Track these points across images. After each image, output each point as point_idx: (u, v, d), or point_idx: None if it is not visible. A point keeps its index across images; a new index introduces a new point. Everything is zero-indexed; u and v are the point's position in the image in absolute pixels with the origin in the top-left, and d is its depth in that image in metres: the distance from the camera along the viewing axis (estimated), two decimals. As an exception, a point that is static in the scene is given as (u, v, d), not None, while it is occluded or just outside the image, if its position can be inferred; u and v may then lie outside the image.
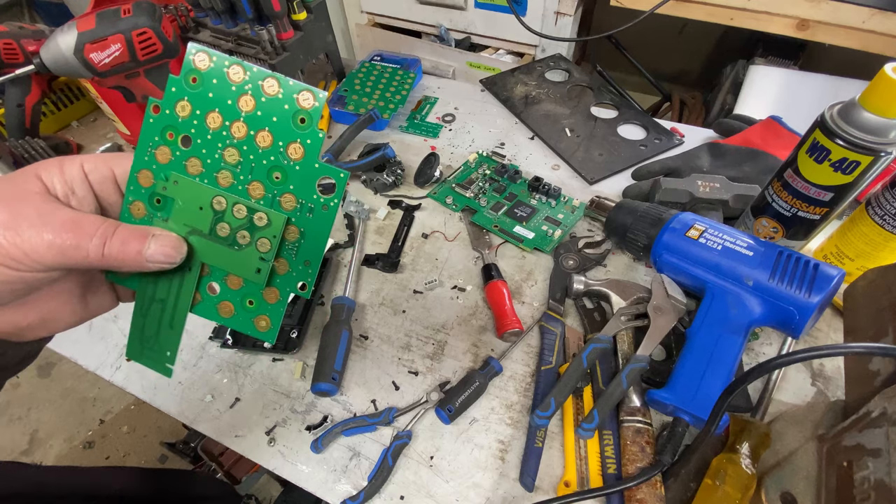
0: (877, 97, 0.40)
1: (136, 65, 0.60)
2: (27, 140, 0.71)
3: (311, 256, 0.28)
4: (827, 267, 0.43)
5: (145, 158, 0.27)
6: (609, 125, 0.76)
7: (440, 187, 0.69)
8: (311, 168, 0.27)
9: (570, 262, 0.58)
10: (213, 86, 0.26)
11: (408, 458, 0.46)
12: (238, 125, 0.26)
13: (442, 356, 0.52)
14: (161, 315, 0.29)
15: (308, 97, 0.26)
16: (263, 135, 0.26)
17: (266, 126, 0.26)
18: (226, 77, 0.26)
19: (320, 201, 0.27)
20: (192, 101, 0.26)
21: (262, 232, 0.27)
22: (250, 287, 0.29)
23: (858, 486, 0.29)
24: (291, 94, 0.26)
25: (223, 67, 0.26)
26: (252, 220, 0.27)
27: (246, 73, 0.26)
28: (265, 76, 0.26)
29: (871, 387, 0.33)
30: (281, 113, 0.26)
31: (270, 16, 0.69)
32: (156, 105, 0.27)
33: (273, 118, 0.26)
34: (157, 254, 0.26)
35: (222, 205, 0.27)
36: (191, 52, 0.26)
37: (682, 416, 0.41)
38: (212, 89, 0.26)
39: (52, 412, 1.44)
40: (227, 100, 0.26)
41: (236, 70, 0.26)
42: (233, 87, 0.26)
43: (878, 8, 0.86)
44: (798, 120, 0.62)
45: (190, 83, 0.26)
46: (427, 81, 0.88)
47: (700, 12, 1.01)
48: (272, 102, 0.26)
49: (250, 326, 0.29)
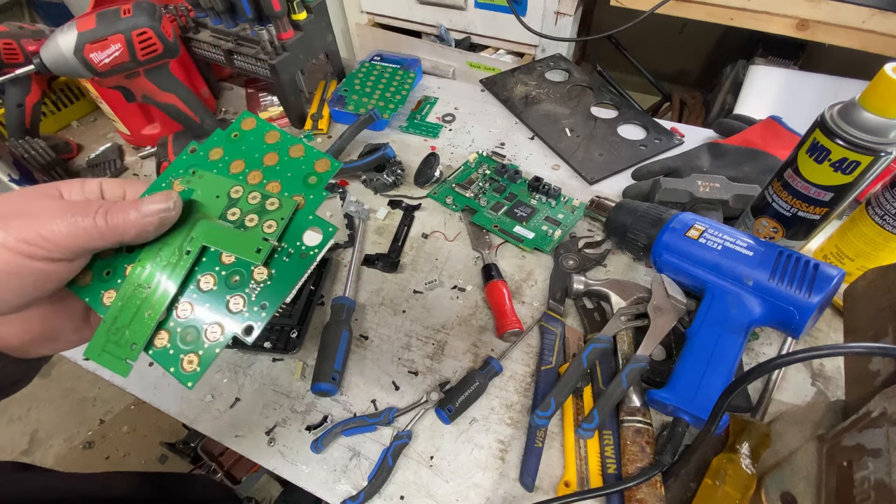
0: (877, 97, 0.40)
1: (136, 65, 0.60)
2: (27, 140, 0.71)
3: (270, 300, 0.28)
4: (827, 267, 0.43)
5: (163, 185, 0.30)
6: (609, 125, 0.76)
7: (440, 187, 0.69)
8: (305, 218, 0.29)
9: (570, 262, 0.58)
10: (249, 141, 0.32)
11: (408, 458, 0.46)
12: (255, 173, 0.31)
13: (442, 356, 0.52)
14: (141, 303, 0.28)
15: (325, 164, 0.31)
16: (273, 185, 0.30)
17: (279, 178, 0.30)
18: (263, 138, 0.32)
19: (301, 247, 0.28)
20: (225, 149, 0.32)
21: (271, 214, 0.29)
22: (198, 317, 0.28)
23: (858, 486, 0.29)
24: (312, 158, 0.31)
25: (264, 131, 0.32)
26: (264, 204, 0.29)
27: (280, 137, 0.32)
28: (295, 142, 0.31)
29: (871, 387, 0.33)
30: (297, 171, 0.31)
31: (270, 16, 0.69)
32: (194, 147, 0.32)
33: (288, 173, 0.31)
34: (152, 204, 0.27)
35: (239, 192, 0.30)
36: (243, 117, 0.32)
37: (682, 416, 0.41)
38: (246, 143, 0.32)
39: (52, 412, 1.44)
40: (255, 153, 0.31)
41: (273, 135, 0.32)
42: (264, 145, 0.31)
43: (878, 8, 0.86)
44: (798, 120, 0.62)
45: (231, 137, 0.32)
46: (427, 81, 0.88)
47: (700, 12, 1.01)
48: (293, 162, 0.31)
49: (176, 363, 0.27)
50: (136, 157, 0.80)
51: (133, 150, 0.81)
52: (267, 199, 0.29)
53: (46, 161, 0.72)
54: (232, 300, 0.28)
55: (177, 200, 0.28)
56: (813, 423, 0.37)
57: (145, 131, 0.80)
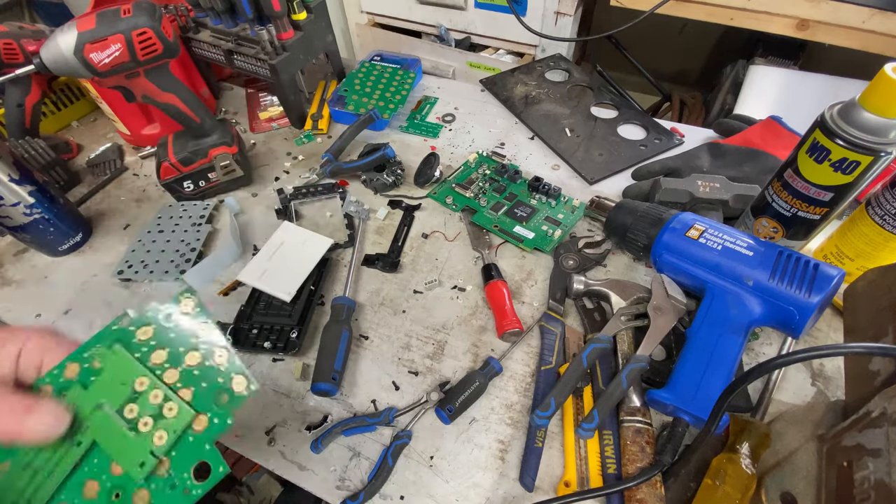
0: (877, 97, 0.40)
1: (136, 65, 0.60)
2: (27, 140, 0.71)
3: None
4: (827, 267, 0.43)
5: (84, 355, 0.28)
6: (609, 125, 0.76)
7: (440, 187, 0.69)
8: (201, 446, 0.26)
9: (570, 262, 0.58)
10: (179, 329, 0.28)
11: (408, 458, 0.46)
12: (171, 372, 0.27)
13: (442, 356, 0.52)
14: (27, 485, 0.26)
15: (241, 384, 0.27)
16: (185, 392, 0.27)
17: (193, 386, 0.27)
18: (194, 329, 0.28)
19: (186, 481, 0.25)
20: (156, 329, 0.28)
21: (165, 423, 0.26)
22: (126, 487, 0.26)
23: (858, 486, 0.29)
24: (231, 372, 0.27)
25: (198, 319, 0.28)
26: (162, 408, 0.26)
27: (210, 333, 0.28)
28: (220, 345, 0.28)
29: (871, 387, 0.33)
30: (213, 383, 0.27)
31: (270, 16, 0.69)
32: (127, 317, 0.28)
33: (203, 383, 0.27)
34: (39, 423, 0.25)
35: (143, 385, 0.27)
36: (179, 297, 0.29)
37: (682, 416, 0.41)
38: (177, 331, 0.28)
39: (52, 412, 1.43)
40: (180, 346, 0.28)
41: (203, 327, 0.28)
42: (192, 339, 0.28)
43: (878, 8, 0.86)
44: (798, 120, 0.62)
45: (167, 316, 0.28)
46: (427, 81, 0.88)
47: (700, 12, 1.01)
48: (212, 371, 0.27)
49: None
50: (136, 157, 0.80)
51: (133, 150, 0.81)
52: (167, 401, 0.26)
53: (46, 161, 0.72)
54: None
55: (66, 423, 0.26)
56: (813, 423, 0.37)
57: (145, 131, 0.80)
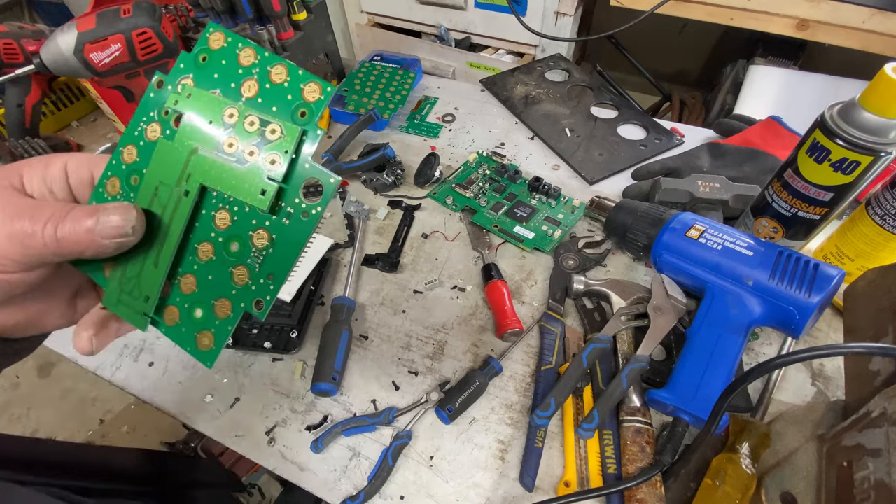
0: (877, 97, 0.40)
1: (136, 65, 0.60)
2: (27, 140, 0.71)
3: (276, 270, 0.24)
4: (827, 267, 0.43)
5: (135, 134, 0.26)
6: (609, 125, 0.76)
7: (440, 187, 0.69)
8: (301, 167, 0.24)
9: (570, 262, 0.58)
10: (220, 66, 0.25)
11: (408, 458, 0.46)
12: (231, 110, 0.24)
13: (442, 356, 0.52)
14: (147, 252, 0.26)
15: (314, 90, 0.24)
16: (252, 118, 0.24)
17: (263, 114, 0.24)
18: (236, 59, 0.25)
19: (301, 206, 0.24)
20: (195, 78, 0.25)
21: (273, 146, 0.24)
22: (204, 292, 0.26)
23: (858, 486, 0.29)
24: (298, 83, 0.24)
25: (236, 49, 0.25)
26: (265, 132, 0.24)
27: (257, 56, 0.24)
28: (275, 62, 0.24)
29: (871, 387, 0.33)
30: (282, 103, 0.24)
31: (270, 16, 0.69)
32: (160, 80, 0.26)
33: (273, 107, 0.24)
34: (106, 226, 0.23)
35: (234, 117, 0.24)
36: (208, 30, 0.25)
37: (682, 416, 0.41)
38: (218, 69, 0.25)
39: (52, 412, 1.44)
40: (230, 82, 0.25)
41: (247, 53, 0.25)
42: (240, 69, 0.25)
43: (878, 8, 0.86)
44: (798, 120, 0.62)
45: (199, 61, 0.25)
46: (427, 81, 0.88)
47: (700, 12, 1.01)
48: (276, 90, 0.24)
49: (191, 342, 0.26)
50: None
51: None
52: (266, 125, 0.24)
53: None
54: (236, 272, 0.25)
55: (137, 224, 0.24)
56: (813, 423, 0.37)
57: (145, 131, 0.80)
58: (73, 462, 0.53)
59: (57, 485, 0.43)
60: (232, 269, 0.25)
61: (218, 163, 0.24)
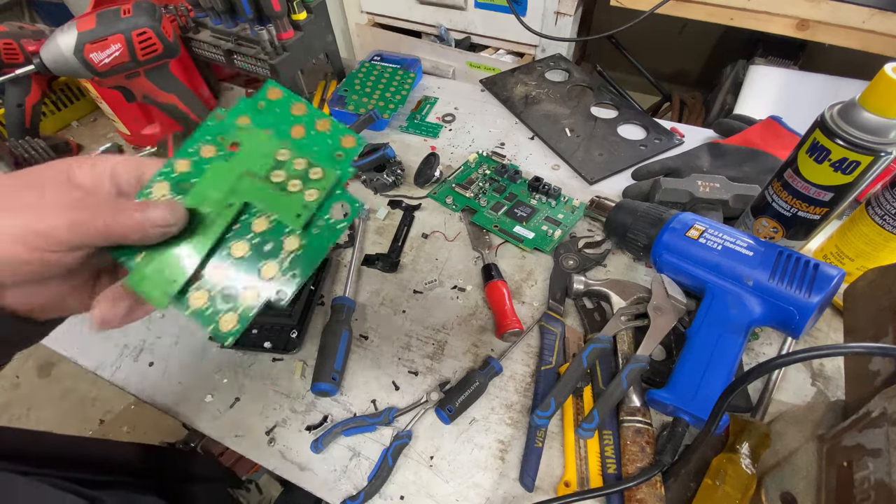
0: (877, 97, 0.40)
1: (136, 65, 0.60)
2: (27, 140, 0.71)
3: (300, 269, 0.29)
4: (827, 267, 0.43)
5: (189, 150, 0.30)
6: (609, 125, 0.76)
7: (440, 187, 0.69)
8: (334, 193, 0.31)
9: (570, 262, 0.58)
10: (275, 113, 0.32)
11: (408, 458, 0.46)
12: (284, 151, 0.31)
13: (442, 356, 0.52)
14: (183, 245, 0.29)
15: (350, 141, 0.32)
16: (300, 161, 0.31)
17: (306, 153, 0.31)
18: (289, 109, 0.32)
19: (329, 221, 0.30)
20: (253, 119, 0.32)
21: (314, 184, 0.30)
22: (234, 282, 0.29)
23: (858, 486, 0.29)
24: (338, 134, 0.32)
25: (290, 102, 0.32)
26: (308, 172, 0.30)
27: (307, 110, 0.32)
28: (322, 117, 0.32)
29: (871, 387, 0.33)
30: (323, 146, 0.32)
31: (270, 16, 0.69)
32: (220, 114, 0.32)
33: (315, 148, 0.31)
34: (156, 216, 0.27)
35: (285, 156, 0.31)
36: (267, 86, 0.32)
37: (682, 416, 0.41)
38: (273, 115, 0.32)
39: (53, 412, 1.44)
40: (282, 125, 0.32)
41: (299, 106, 0.32)
42: (292, 117, 0.32)
43: (878, 8, 0.86)
44: (798, 120, 0.62)
45: (257, 107, 0.32)
46: (427, 81, 0.88)
47: (700, 12, 1.01)
48: (319, 136, 0.32)
49: (214, 322, 0.28)
50: (136, 157, 0.80)
51: (133, 150, 0.81)
52: (312, 167, 0.30)
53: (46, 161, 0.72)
54: (265, 267, 0.29)
55: (180, 218, 0.28)
56: (813, 423, 0.37)
57: (145, 131, 0.80)
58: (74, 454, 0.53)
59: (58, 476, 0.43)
60: (261, 265, 0.29)
61: (264, 187, 0.30)
